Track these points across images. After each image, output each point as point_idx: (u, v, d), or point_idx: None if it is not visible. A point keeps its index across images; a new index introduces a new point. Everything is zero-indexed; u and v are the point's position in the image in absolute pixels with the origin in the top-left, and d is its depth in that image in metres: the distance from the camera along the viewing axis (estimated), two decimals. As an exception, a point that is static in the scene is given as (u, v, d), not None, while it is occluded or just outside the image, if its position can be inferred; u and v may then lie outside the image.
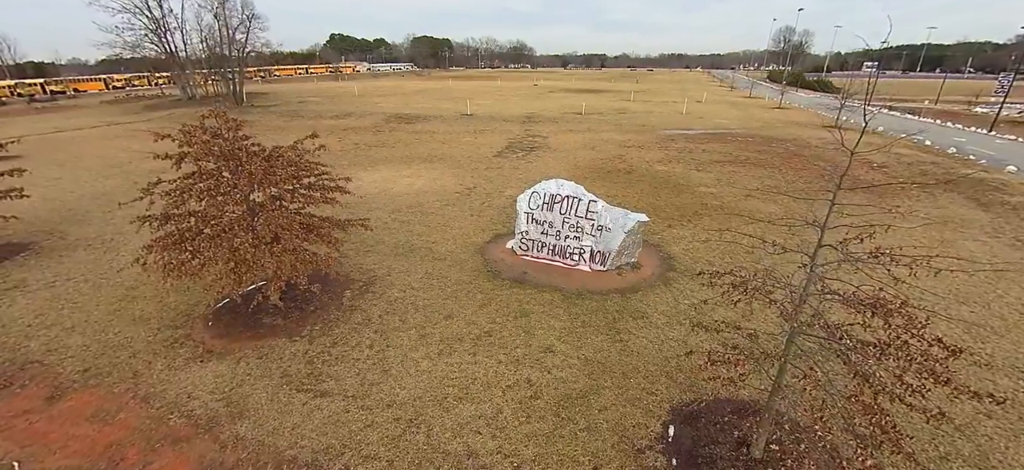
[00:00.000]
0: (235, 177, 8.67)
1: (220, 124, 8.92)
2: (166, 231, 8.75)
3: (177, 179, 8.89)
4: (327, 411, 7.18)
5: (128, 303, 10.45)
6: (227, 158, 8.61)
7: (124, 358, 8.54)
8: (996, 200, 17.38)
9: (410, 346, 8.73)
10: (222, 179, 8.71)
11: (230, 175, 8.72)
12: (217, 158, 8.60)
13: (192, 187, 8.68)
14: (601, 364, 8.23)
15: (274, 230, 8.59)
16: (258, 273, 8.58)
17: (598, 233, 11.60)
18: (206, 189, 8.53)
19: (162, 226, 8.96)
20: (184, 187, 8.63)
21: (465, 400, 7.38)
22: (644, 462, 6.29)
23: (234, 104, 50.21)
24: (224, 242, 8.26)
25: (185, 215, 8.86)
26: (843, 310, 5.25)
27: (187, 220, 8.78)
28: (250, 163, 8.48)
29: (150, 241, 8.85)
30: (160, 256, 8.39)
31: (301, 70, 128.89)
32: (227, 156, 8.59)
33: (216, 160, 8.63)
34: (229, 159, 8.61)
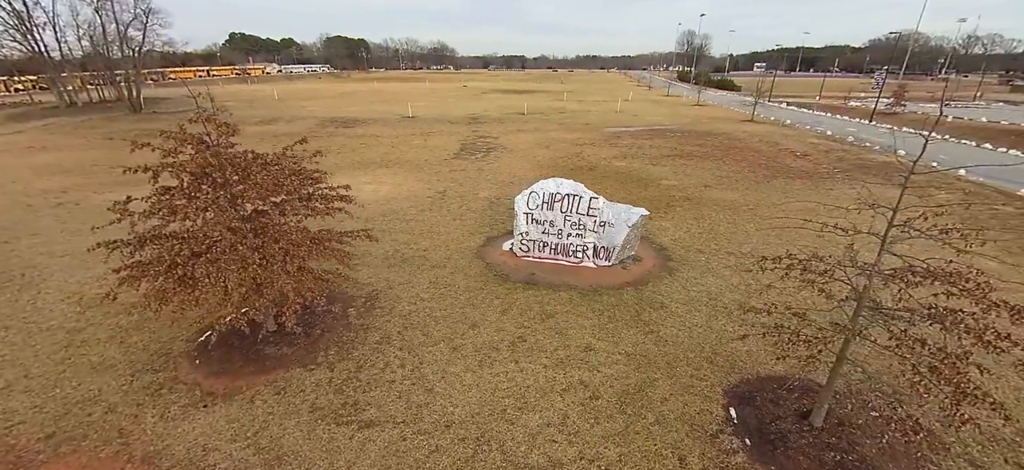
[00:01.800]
0: (237, 189, 7.53)
1: (210, 129, 7.69)
2: (148, 255, 7.39)
3: (153, 195, 7.54)
4: (381, 442, 6.48)
5: (78, 349, 8.69)
6: (222, 168, 7.43)
7: (99, 415, 7.07)
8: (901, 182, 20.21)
9: (445, 360, 8.18)
10: (217, 192, 7.52)
11: (227, 187, 7.55)
12: (211, 168, 7.40)
13: (181, 203, 7.37)
14: (643, 357, 8.30)
15: (285, 246, 7.60)
16: (270, 296, 7.53)
17: (601, 229, 11.72)
18: (202, 204, 7.30)
19: (137, 251, 7.56)
20: (171, 204, 7.32)
21: (526, 410, 7.05)
22: (722, 446, 6.42)
23: (130, 111, 44.17)
24: (232, 263, 7.13)
25: (171, 236, 7.54)
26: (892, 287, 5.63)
27: (173, 242, 7.47)
28: (259, 173, 7.41)
29: (122, 267, 7.45)
30: (152, 285, 7.04)
31: (201, 72, 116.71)
32: (224, 165, 7.41)
33: (210, 170, 7.43)
34: (225, 169, 7.44)
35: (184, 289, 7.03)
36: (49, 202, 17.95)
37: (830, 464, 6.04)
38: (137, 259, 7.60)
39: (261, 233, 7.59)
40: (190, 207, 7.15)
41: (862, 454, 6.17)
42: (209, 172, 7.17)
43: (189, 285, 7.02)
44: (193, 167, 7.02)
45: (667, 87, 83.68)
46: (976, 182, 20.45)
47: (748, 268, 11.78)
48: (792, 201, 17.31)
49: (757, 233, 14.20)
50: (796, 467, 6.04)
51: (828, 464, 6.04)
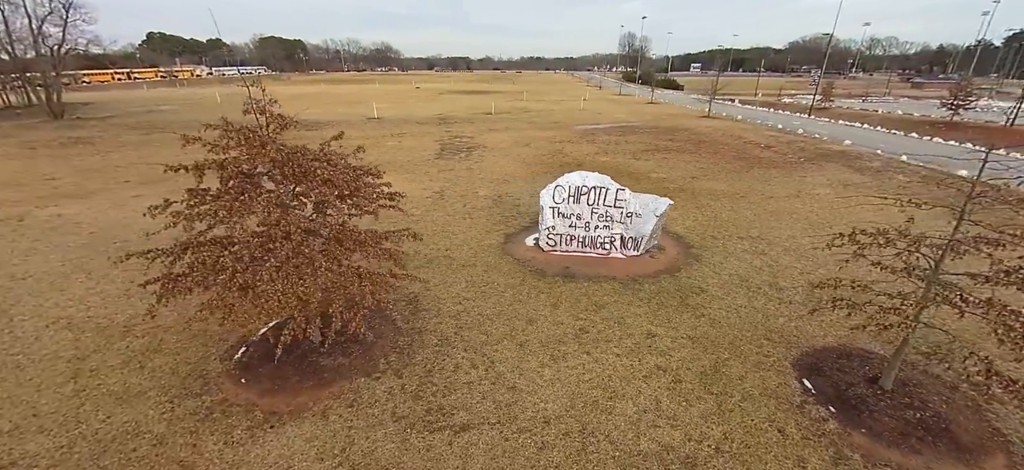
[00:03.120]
0: (298, 187, 6.90)
1: (262, 121, 6.98)
2: (189, 264, 6.60)
3: (194, 196, 6.76)
4: (483, 444, 6.18)
5: (90, 379, 7.62)
6: (285, 163, 6.76)
7: (146, 448, 6.22)
8: (864, 167, 22.21)
9: (517, 357, 7.95)
10: (278, 190, 6.85)
11: (290, 184, 6.90)
12: (275, 164, 6.71)
13: (233, 203, 6.62)
14: (705, 339, 8.51)
15: (351, 248, 7.07)
16: (340, 301, 6.95)
17: (627, 220, 11.89)
18: (264, 204, 6.59)
19: (178, 260, 6.75)
20: (229, 205, 6.55)
21: (617, 398, 7.00)
22: (811, 415, 6.70)
23: (49, 117, 39.38)
24: (306, 268, 6.51)
25: (217, 242, 6.78)
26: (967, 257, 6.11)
27: (224, 247, 6.72)
28: (322, 170, 6.81)
29: (162, 278, 6.63)
30: (217, 295, 6.27)
31: (120, 76, 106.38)
32: (286, 160, 6.75)
33: (273, 166, 6.74)
34: (286, 164, 6.78)
35: (247, 299, 6.32)
36: (-16, 218, 15.63)
37: (912, 421, 6.47)
38: (174, 271, 6.75)
39: (328, 235, 7.00)
40: (246, 207, 6.46)
41: (935, 410, 6.66)
42: (273, 168, 6.50)
43: (253, 294, 6.33)
44: (263, 163, 6.33)
45: (619, 87, 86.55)
46: (923, 166, 22.80)
47: (763, 251, 12.42)
48: (776, 188, 18.47)
49: (758, 218, 14.99)
50: (883, 427, 6.42)
51: (911, 421, 6.47)
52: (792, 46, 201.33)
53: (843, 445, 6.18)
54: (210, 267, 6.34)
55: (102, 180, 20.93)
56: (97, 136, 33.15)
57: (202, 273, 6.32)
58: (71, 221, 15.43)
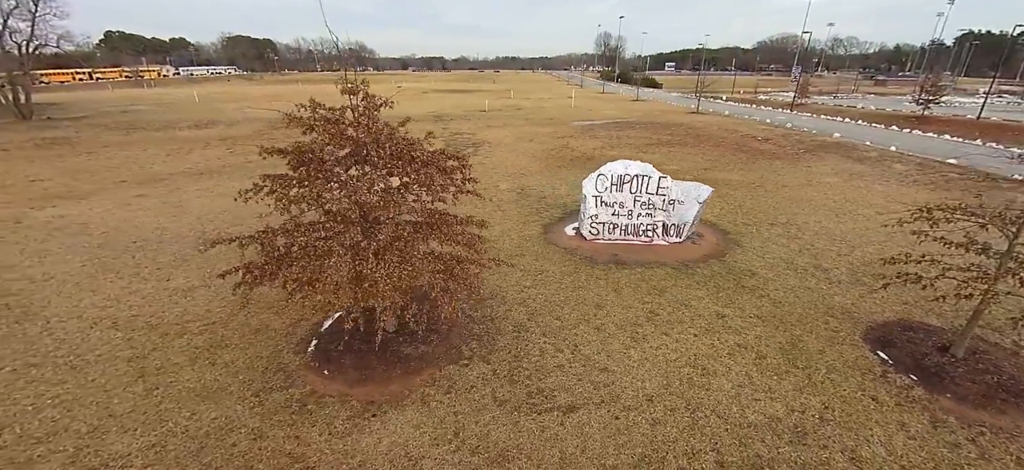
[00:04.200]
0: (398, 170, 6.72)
1: (356, 102, 6.76)
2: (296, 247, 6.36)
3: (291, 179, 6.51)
4: (596, 423, 6.18)
5: (158, 377, 7.24)
6: (384, 144, 6.56)
7: (247, 442, 5.97)
8: (862, 157, 23.17)
9: (598, 341, 7.98)
10: (376, 173, 6.66)
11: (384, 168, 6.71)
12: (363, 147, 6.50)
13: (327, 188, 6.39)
14: (773, 317, 8.73)
15: (444, 234, 6.95)
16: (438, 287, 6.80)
17: (670, 207, 12.07)
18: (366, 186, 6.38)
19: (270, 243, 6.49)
20: (321, 190, 6.29)
21: (710, 375, 7.11)
22: (896, 383, 6.96)
23: (17, 118, 37.13)
24: (414, 251, 6.36)
25: (315, 226, 6.55)
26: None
27: (320, 232, 6.49)
28: (417, 153, 6.65)
29: (243, 267, 6.38)
30: (322, 280, 5.99)
31: (83, 75, 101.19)
32: (384, 142, 6.56)
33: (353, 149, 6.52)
34: (381, 146, 6.58)
35: (356, 283, 6.14)
36: None
37: (992, 384, 6.81)
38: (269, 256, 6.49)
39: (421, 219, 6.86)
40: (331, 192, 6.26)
41: (1009, 374, 7.03)
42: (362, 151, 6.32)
43: (359, 279, 6.15)
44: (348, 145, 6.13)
45: (601, 86, 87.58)
46: (915, 155, 23.95)
47: (796, 236, 12.81)
48: (786, 178, 19.08)
49: (779, 206, 15.45)
50: (967, 391, 6.73)
51: (991, 385, 6.80)
52: (760, 46, 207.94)
53: (935, 409, 6.44)
54: (316, 253, 6.09)
55: (94, 181, 19.90)
56: (74, 137, 31.49)
57: (306, 260, 6.05)
58: (76, 222, 14.62)
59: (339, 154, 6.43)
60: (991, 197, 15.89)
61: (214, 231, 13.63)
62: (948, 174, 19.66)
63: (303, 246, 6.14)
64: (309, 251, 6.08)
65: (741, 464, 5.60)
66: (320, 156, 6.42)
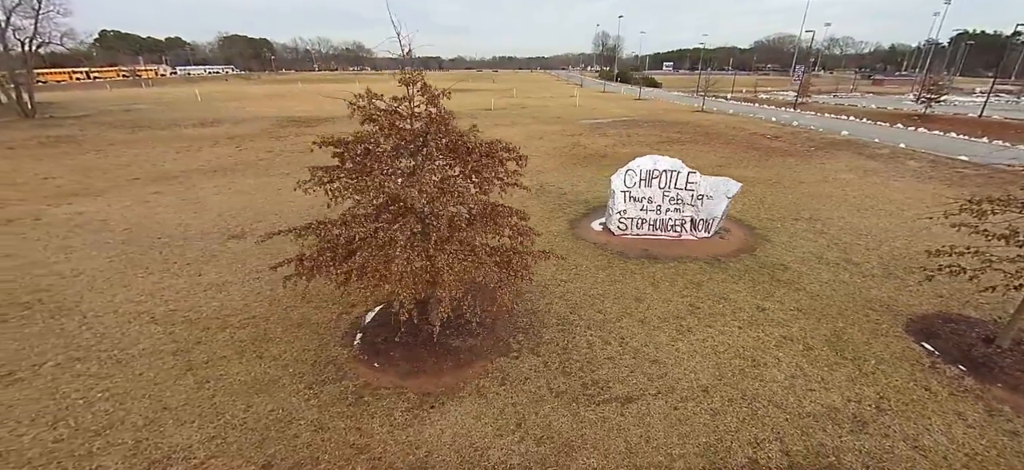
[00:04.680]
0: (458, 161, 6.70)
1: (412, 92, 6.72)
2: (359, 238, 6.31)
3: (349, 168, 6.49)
4: (656, 413, 6.19)
5: (207, 370, 7.20)
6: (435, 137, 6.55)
7: (309, 434, 5.93)
8: (874, 154, 23.31)
9: (644, 333, 7.99)
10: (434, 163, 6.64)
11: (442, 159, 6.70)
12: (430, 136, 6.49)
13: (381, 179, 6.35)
14: (813, 310, 8.76)
15: (499, 226, 6.94)
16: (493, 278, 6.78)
17: (698, 202, 12.11)
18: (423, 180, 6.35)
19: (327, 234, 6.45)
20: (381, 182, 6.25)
21: (762, 366, 7.14)
22: (947, 374, 7.00)
23: (20, 117, 36.78)
24: (475, 240, 6.35)
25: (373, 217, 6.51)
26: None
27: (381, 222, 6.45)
28: (481, 144, 6.62)
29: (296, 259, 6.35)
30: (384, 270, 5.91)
31: (80, 74, 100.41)
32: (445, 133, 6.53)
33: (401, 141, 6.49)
34: (437, 138, 6.56)
35: (417, 274, 6.11)
36: None
37: (1041, 373, 6.86)
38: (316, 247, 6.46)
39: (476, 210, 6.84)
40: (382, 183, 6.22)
41: (1056, 362, 7.08)
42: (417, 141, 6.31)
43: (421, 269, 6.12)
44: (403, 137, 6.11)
45: (602, 85, 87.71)
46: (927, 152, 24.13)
47: (822, 231, 12.88)
48: (802, 174, 19.16)
49: (800, 202, 15.51)
50: (1018, 380, 6.79)
51: (1040, 373, 6.86)
52: (757, 46, 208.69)
53: (989, 398, 6.49)
54: (378, 243, 6.06)
55: (107, 178, 19.75)
56: (79, 135, 31.26)
57: (369, 250, 6.01)
58: (95, 219, 14.51)
59: (397, 144, 6.41)
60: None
61: (237, 227, 13.56)
62: (962, 170, 19.81)
63: (363, 237, 6.09)
64: (371, 242, 6.05)
65: (806, 453, 5.62)
66: (378, 147, 6.39)
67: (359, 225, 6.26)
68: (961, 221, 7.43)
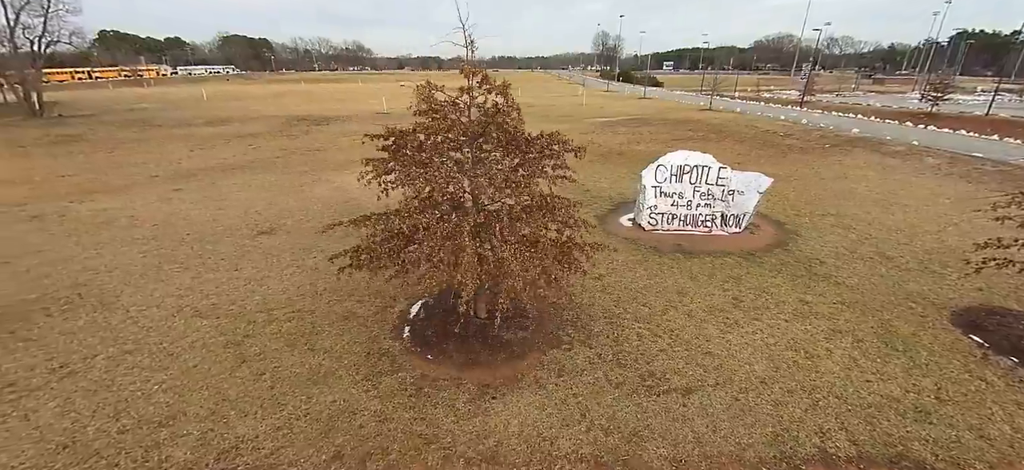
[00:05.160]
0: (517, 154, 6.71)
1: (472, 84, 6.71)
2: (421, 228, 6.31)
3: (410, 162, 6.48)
4: (719, 403, 6.21)
5: (260, 363, 7.20)
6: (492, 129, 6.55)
7: (374, 424, 5.93)
8: (890, 151, 23.37)
9: (692, 326, 8.01)
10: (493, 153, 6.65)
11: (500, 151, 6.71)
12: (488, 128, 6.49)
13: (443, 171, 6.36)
14: (856, 304, 8.79)
15: (559, 218, 6.95)
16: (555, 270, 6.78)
17: (729, 198, 12.13)
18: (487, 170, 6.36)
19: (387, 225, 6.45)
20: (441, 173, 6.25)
21: (815, 357, 7.16)
22: (999, 365, 7.03)
23: (28, 116, 36.69)
24: (539, 232, 6.36)
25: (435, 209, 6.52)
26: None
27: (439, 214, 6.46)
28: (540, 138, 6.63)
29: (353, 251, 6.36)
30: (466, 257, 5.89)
31: (82, 74, 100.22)
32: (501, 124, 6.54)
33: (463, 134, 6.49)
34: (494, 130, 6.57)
35: (480, 265, 6.13)
36: (17, 217, 14.49)
37: (1094, 363, 6.89)
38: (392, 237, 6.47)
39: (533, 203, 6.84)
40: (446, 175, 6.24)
41: (1108, 353, 7.11)
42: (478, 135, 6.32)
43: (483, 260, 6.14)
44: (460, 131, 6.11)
45: (605, 85, 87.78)
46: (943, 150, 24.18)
47: (850, 226, 12.92)
48: (821, 171, 19.21)
49: (823, 198, 15.56)
50: (1071, 371, 6.81)
51: (1093, 363, 6.89)
52: (757, 45, 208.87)
53: (1046, 388, 6.52)
54: (442, 234, 6.06)
55: (124, 176, 19.73)
56: (89, 134, 31.22)
57: (436, 241, 6.02)
58: (122, 215, 14.50)
59: (456, 136, 6.42)
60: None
61: (265, 223, 13.57)
62: (981, 167, 19.87)
63: (427, 226, 6.10)
64: (435, 231, 6.05)
65: (873, 442, 5.64)
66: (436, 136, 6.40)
67: (420, 215, 6.27)
68: (1005, 214, 7.48)
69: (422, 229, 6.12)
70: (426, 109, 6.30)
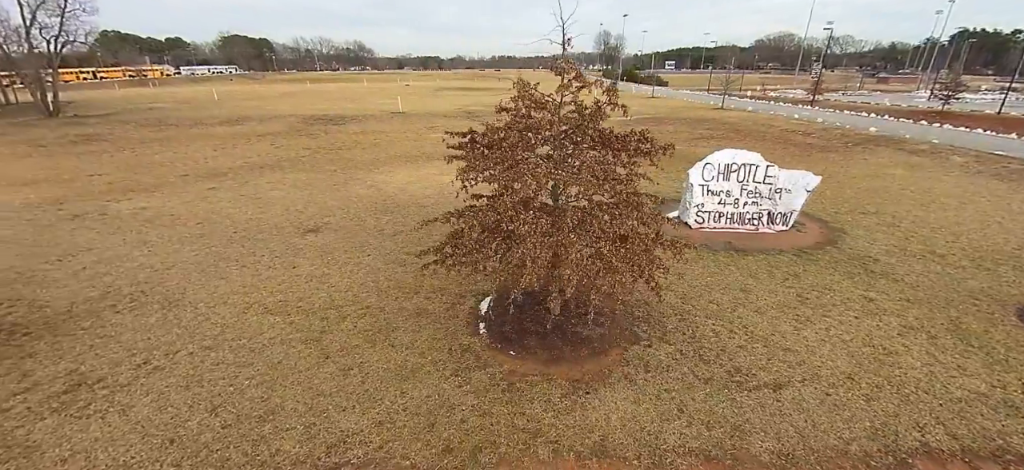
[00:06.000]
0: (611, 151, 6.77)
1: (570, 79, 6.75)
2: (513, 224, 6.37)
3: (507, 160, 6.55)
4: (812, 398, 6.28)
5: (343, 358, 7.26)
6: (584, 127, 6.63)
7: (475, 419, 5.99)
8: (914, 150, 23.46)
9: (765, 323, 8.08)
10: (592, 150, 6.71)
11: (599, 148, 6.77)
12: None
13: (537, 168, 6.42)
14: (920, 301, 8.87)
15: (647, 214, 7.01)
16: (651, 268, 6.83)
17: (776, 196, 12.21)
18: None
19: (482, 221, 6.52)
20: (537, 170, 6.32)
21: (893, 353, 7.24)
22: (1078, 360, 7.11)
23: (44, 115, 36.73)
24: (635, 229, 6.44)
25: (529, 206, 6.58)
26: None
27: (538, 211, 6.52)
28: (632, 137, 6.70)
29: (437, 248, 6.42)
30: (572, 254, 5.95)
31: (87, 74, 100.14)
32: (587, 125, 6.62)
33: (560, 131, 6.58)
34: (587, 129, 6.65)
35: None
36: (58, 216, 14.55)
37: None
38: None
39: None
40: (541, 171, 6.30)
41: None
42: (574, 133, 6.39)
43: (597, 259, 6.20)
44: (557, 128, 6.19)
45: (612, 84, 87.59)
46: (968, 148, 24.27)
47: (894, 225, 12.99)
48: (850, 170, 19.29)
49: (861, 196, 15.63)
50: None
51: None
52: (758, 44, 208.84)
53: None
54: (542, 230, 6.13)
55: (154, 175, 19.81)
56: (107, 134, 31.29)
57: (537, 237, 6.08)
58: (163, 213, 14.57)
59: (555, 133, 6.50)
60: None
61: (309, 221, 13.63)
62: (1009, 165, 19.96)
63: (526, 223, 6.17)
64: (534, 229, 6.12)
65: (972, 436, 5.72)
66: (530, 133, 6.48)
67: (516, 212, 6.33)
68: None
69: (522, 226, 6.18)
70: (529, 104, 6.37)
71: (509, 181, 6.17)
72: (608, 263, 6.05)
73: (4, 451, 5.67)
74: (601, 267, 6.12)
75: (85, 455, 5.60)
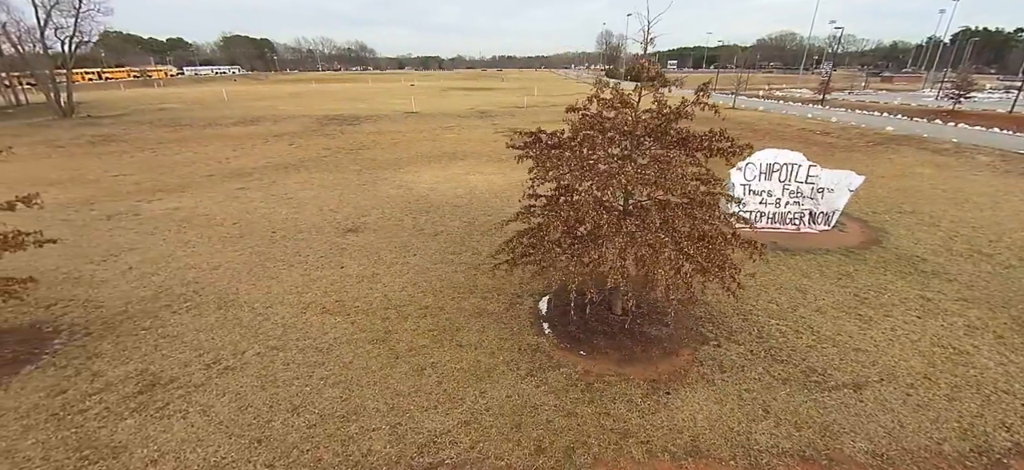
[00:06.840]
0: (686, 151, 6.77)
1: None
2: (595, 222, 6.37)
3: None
4: (893, 398, 6.27)
5: (413, 359, 7.26)
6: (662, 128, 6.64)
7: (560, 419, 5.99)
8: (937, 149, 23.45)
9: (828, 323, 8.08)
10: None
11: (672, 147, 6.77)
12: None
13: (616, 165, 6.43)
14: (978, 299, 8.86)
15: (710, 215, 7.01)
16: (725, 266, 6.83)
17: (818, 195, 12.20)
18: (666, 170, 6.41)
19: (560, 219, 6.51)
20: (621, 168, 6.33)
21: (964, 352, 7.24)
22: None
23: (59, 116, 36.71)
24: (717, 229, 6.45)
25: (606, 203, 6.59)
26: None
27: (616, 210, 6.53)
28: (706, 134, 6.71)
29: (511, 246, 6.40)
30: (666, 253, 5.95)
31: (92, 75, 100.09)
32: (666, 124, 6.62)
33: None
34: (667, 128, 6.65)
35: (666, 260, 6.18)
36: (93, 216, 14.54)
37: None
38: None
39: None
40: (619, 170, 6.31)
41: None
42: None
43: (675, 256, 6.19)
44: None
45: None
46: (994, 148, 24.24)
47: (933, 224, 12.99)
48: (877, 169, 19.28)
49: (895, 196, 15.63)
50: None
51: None
52: (760, 44, 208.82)
53: None
54: (627, 230, 6.13)
55: (178, 175, 19.79)
56: (123, 134, 31.29)
57: (621, 239, 6.08)
58: (197, 213, 14.57)
59: (635, 131, 6.50)
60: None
61: (346, 220, 13.65)
62: None
63: (611, 223, 6.17)
64: (619, 228, 6.12)
65: (1061, 435, 5.71)
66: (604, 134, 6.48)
67: (597, 211, 6.33)
68: None
69: (607, 225, 6.18)
70: (603, 104, 6.37)
71: (583, 181, 6.18)
72: (697, 263, 6.04)
73: (92, 451, 5.66)
74: (689, 268, 6.11)
75: (174, 456, 5.59)
